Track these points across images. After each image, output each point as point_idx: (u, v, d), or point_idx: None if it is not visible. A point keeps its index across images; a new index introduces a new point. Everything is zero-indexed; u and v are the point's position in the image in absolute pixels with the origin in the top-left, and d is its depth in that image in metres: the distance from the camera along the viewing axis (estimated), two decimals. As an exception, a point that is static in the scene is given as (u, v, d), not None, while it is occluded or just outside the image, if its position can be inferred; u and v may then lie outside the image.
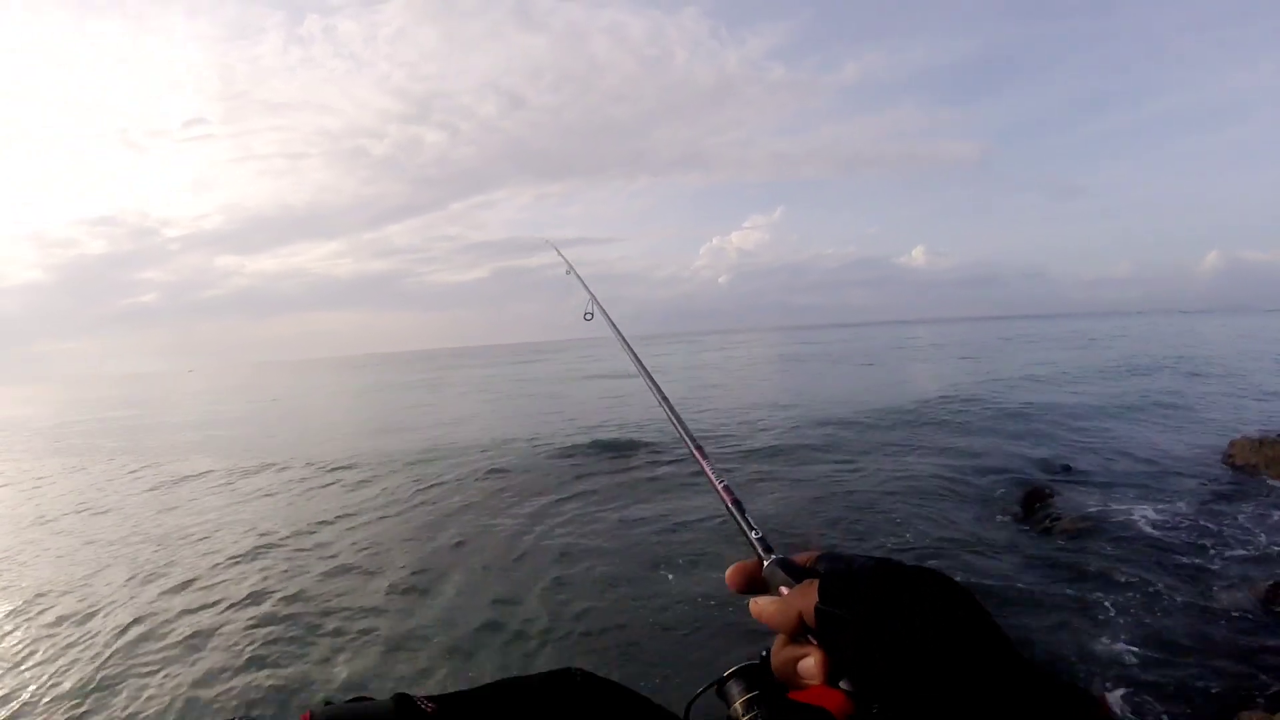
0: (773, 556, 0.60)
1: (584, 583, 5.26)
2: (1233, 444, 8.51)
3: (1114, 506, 6.49)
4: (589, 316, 1.47)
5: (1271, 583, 4.47)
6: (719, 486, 0.73)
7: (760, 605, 0.55)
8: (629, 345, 1.14)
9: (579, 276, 1.63)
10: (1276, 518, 5.94)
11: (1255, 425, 9.98)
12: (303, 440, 14.88)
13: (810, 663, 0.50)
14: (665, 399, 0.95)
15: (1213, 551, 5.28)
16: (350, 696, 0.54)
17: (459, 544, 6.34)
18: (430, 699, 0.55)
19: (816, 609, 0.49)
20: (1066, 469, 8.13)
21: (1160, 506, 6.46)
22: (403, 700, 0.54)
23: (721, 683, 0.56)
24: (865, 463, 8.90)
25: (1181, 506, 6.44)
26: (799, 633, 0.51)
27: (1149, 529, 5.83)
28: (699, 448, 0.80)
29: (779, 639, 0.54)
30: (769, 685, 0.54)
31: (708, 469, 0.76)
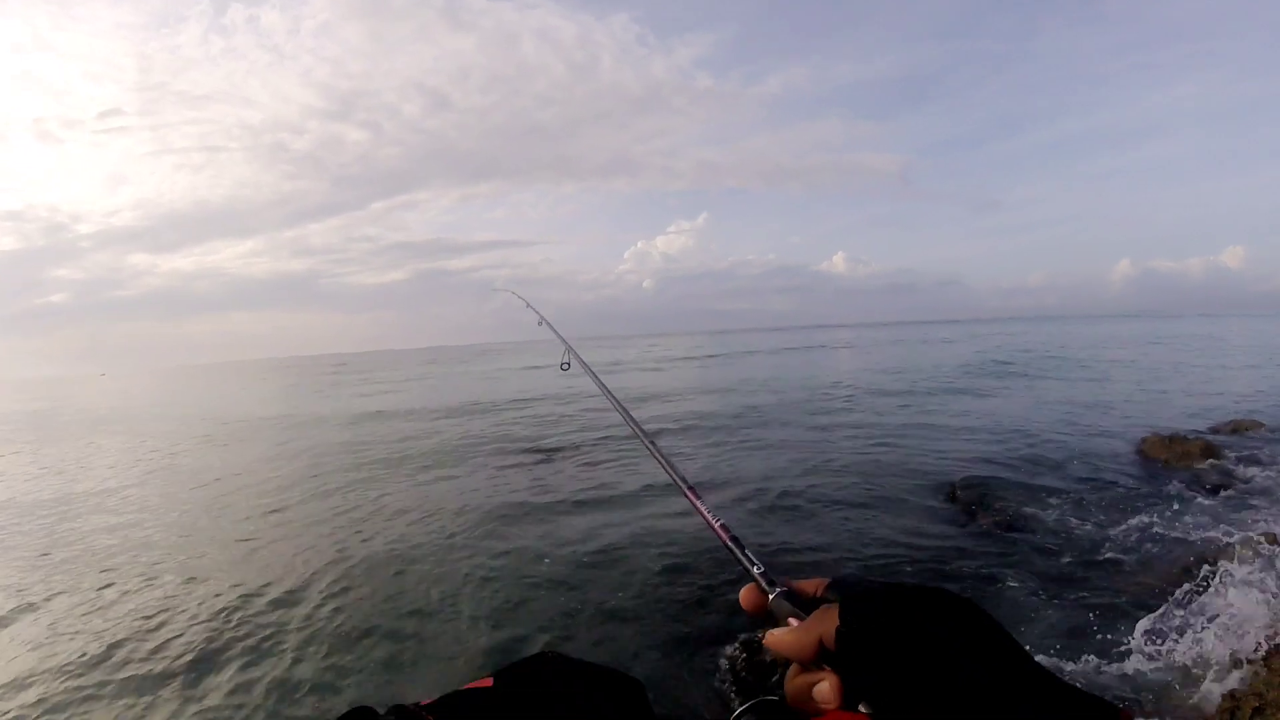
0: (777, 590, 0.61)
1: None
2: (1144, 440, 9.16)
3: (1030, 501, 6.83)
4: (565, 367, 1.41)
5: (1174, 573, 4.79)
6: (715, 525, 0.74)
7: (776, 636, 0.55)
8: (612, 395, 1.15)
9: (552, 327, 1.61)
10: (1178, 512, 6.35)
11: (1165, 423, 10.74)
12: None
13: (825, 687, 0.50)
14: (652, 442, 0.97)
15: (1117, 546, 5.61)
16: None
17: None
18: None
19: (838, 632, 0.49)
20: (985, 464, 8.50)
21: (1071, 502, 6.81)
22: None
23: None
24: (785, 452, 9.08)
25: (1092, 502, 6.81)
26: (816, 659, 0.52)
27: (1059, 525, 6.15)
28: (691, 488, 0.82)
29: (792, 669, 0.54)
30: (785, 718, 0.54)
31: (701, 508, 0.78)
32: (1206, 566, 4.78)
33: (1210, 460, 8.08)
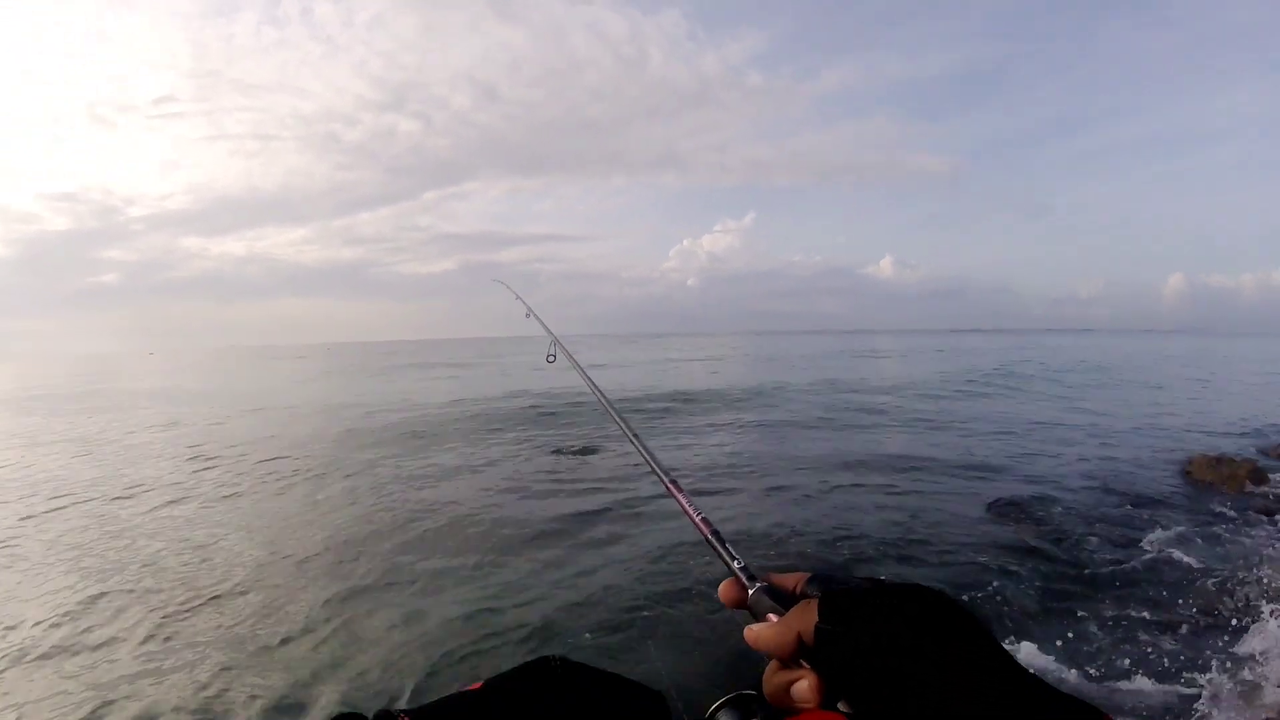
0: (757, 585, 0.59)
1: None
2: (1191, 461, 8.88)
3: (1072, 519, 6.72)
4: (552, 359, 1.43)
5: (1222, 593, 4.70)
6: (697, 519, 0.73)
7: (756, 631, 0.54)
8: (597, 387, 1.15)
9: (540, 319, 1.62)
10: (1225, 535, 6.20)
11: (1214, 443, 10.46)
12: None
13: (804, 685, 0.49)
14: (635, 435, 0.97)
15: (1166, 566, 5.49)
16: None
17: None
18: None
19: (817, 628, 0.49)
20: (1027, 481, 8.36)
21: (1119, 520, 6.70)
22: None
23: (711, 716, 0.55)
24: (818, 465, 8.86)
25: (1139, 520, 6.68)
26: (795, 656, 0.51)
27: (1103, 544, 6.04)
28: (673, 481, 0.80)
29: (771, 665, 0.53)
30: (763, 713, 0.53)
31: (683, 502, 0.76)
32: (1240, 598, 4.67)
33: (1258, 485, 7.77)
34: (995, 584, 5.11)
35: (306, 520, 7.46)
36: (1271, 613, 4.35)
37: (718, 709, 0.55)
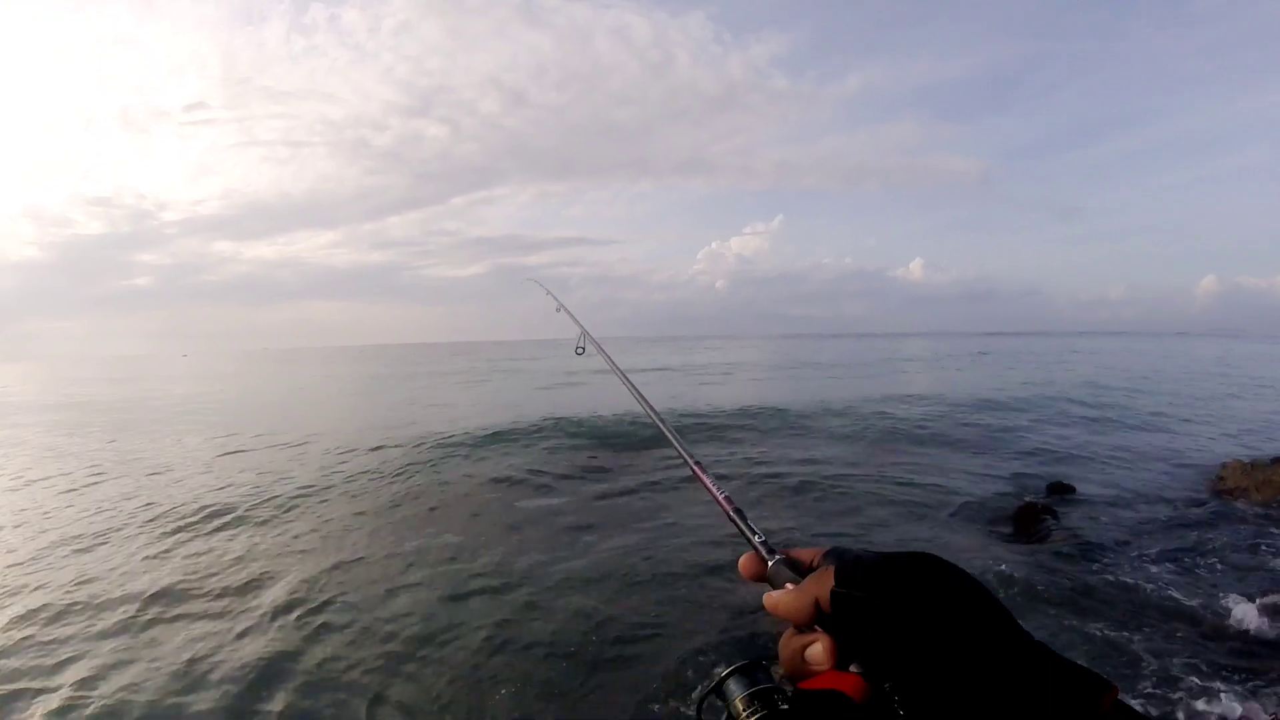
0: (776, 557, 0.64)
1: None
2: (1224, 466, 8.66)
3: (1104, 525, 6.62)
4: (580, 350, 1.49)
5: (1262, 601, 4.64)
6: (720, 497, 0.77)
7: (775, 598, 0.57)
8: (625, 376, 1.19)
9: (570, 312, 1.67)
10: (1263, 540, 6.10)
11: (1247, 448, 10.23)
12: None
13: (818, 649, 0.52)
14: (662, 420, 1.01)
15: (1201, 571, 5.42)
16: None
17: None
18: None
19: (833, 592, 0.51)
20: (1058, 486, 8.22)
21: (1150, 526, 6.61)
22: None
23: (720, 683, 0.57)
24: (851, 471, 8.96)
25: (1171, 526, 6.59)
26: (811, 621, 0.53)
27: (1138, 547, 5.97)
28: (697, 462, 0.84)
29: (787, 632, 0.56)
30: (772, 679, 0.56)
31: (707, 481, 0.80)
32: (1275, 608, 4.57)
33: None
34: (1021, 596, 5.05)
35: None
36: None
37: (728, 676, 0.57)
